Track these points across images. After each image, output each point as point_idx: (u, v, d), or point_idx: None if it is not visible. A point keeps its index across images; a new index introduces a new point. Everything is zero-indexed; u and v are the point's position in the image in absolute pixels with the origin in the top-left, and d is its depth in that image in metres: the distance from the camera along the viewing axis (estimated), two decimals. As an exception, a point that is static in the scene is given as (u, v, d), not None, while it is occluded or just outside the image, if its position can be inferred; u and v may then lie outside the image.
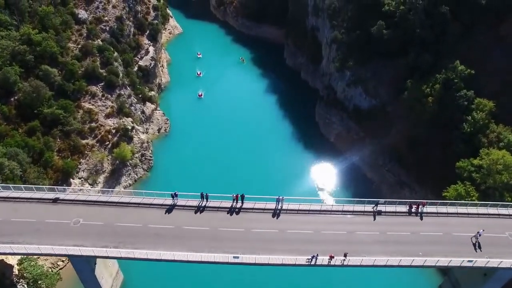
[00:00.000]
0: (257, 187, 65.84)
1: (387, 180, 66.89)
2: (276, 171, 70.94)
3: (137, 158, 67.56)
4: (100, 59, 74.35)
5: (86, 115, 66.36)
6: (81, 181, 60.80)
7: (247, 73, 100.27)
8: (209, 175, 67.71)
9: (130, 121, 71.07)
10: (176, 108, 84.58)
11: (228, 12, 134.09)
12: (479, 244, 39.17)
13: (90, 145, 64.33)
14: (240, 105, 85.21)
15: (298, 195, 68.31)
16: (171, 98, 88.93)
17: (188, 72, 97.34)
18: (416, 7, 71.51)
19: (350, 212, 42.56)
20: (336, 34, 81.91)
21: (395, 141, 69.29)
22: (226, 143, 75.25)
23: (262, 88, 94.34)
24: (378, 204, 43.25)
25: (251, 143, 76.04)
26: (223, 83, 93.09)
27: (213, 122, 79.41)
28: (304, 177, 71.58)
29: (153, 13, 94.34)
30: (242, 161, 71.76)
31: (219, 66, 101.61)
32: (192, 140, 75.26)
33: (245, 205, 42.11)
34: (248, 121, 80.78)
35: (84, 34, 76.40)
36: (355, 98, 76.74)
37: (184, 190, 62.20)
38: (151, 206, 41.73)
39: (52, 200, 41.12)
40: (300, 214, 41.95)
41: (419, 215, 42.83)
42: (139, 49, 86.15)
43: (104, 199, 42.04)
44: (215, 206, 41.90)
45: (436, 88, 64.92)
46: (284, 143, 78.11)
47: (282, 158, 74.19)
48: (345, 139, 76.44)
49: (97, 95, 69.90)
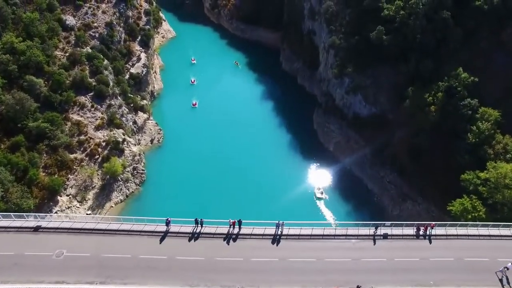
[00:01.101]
0: (254, 199, 63.40)
1: (389, 192, 64.04)
2: (274, 182, 67.81)
3: (128, 172, 63.98)
4: (89, 67, 70.51)
5: (74, 128, 62.58)
6: (69, 198, 57.12)
7: (243, 79, 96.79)
8: (204, 189, 64.49)
9: (121, 133, 67.40)
10: (170, 118, 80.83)
11: (223, 15, 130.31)
12: (507, 279, 35.42)
13: (79, 160, 60.61)
14: (235, 113, 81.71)
15: (296, 205, 67.44)
16: (165, 107, 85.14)
17: (181, 78, 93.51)
18: (416, 12, 68.57)
19: (355, 236, 39.50)
20: (334, 39, 78.76)
21: (396, 150, 66.43)
22: (221, 154, 71.89)
23: (258, 94, 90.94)
24: (384, 226, 40.21)
25: (247, 154, 72.74)
26: (218, 91, 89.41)
27: (207, 132, 75.90)
28: (303, 187, 68.62)
29: (145, 18, 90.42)
30: (238, 173, 68.51)
31: (214, 72, 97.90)
32: (186, 151, 71.74)
33: (242, 230, 38.85)
34: (244, 130, 77.39)
35: (72, 41, 72.48)
36: (354, 106, 73.74)
37: (178, 206, 60.36)
38: (142, 233, 38.31)
39: (33, 228, 37.52)
40: (301, 239, 38.82)
41: (428, 237, 39.89)
42: (130, 56, 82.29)
43: (90, 226, 38.54)
44: (211, 232, 38.60)
45: (439, 96, 62.12)
46: (282, 152, 74.90)
47: (281, 168, 71.03)
48: (344, 148, 73.44)
49: (86, 106, 66.13)
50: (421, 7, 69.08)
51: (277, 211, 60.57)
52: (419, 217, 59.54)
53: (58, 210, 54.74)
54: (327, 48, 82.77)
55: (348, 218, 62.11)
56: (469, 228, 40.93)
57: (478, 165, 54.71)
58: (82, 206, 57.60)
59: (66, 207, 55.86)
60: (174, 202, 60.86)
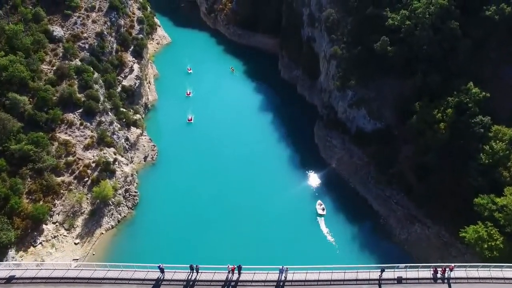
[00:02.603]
0: (254, 217, 59.31)
1: (396, 213, 59.71)
2: (275, 199, 63.47)
3: (120, 195, 59.18)
4: (78, 82, 65.49)
5: (61, 148, 57.68)
6: (55, 226, 52.32)
7: (241, 89, 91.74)
8: (200, 209, 60.00)
9: (113, 152, 62.55)
10: (164, 133, 75.73)
11: (219, 20, 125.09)
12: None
13: (67, 183, 55.75)
14: (233, 127, 76.81)
15: (296, 222, 63.30)
16: (159, 120, 79.86)
17: (177, 89, 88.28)
18: (423, 21, 64.02)
19: (366, 281, 35.14)
20: (336, 49, 74.08)
21: (402, 169, 62.02)
22: (218, 172, 67.23)
23: (257, 105, 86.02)
24: (398, 269, 35.90)
25: (246, 171, 68.13)
26: (215, 103, 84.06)
27: (203, 148, 70.98)
28: (303, 204, 64.19)
29: (138, 27, 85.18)
30: (236, 189, 64.16)
31: (210, 82, 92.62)
32: (181, 169, 66.96)
33: (243, 276, 34.43)
34: (242, 145, 72.62)
35: (60, 53, 67.35)
36: (357, 120, 69.21)
37: (173, 232, 56.20)
38: (131, 282, 33.74)
39: (5, 280, 32.85)
40: (307, 286, 34.38)
41: (447, 281, 35.62)
42: (122, 67, 77.17)
43: (72, 274, 33.93)
44: (208, 279, 34.14)
45: (448, 113, 57.63)
46: (283, 168, 70.30)
47: (281, 185, 66.69)
48: (347, 165, 68.97)
49: (74, 124, 61.21)
50: (427, 16, 64.57)
51: (278, 230, 57.63)
52: (429, 242, 55.53)
53: (43, 241, 50.03)
54: (328, 57, 78.13)
55: (352, 242, 57.91)
56: (492, 270, 36.67)
57: (492, 188, 50.51)
58: (70, 234, 52.87)
59: (52, 236, 51.12)
60: (169, 228, 56.47)
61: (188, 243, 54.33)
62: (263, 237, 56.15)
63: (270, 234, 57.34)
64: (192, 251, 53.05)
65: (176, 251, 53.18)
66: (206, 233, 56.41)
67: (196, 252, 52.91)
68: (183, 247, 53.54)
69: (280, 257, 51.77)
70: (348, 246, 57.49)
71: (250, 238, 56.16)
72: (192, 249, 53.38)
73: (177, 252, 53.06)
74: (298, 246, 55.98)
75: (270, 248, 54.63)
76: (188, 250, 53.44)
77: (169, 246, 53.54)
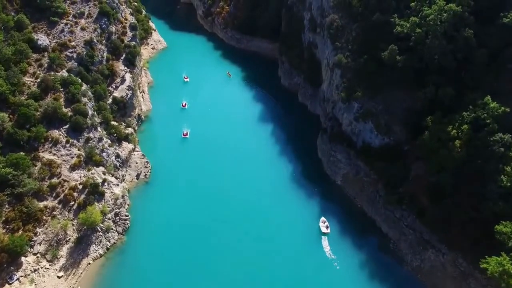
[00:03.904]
0: (255, 235, 55.12)
1: (407, 237, 54.53)
2: (276, 219, 58.89)
3: (110, 220, 53.71)
4: (64, 95, 59.92)
5: (45, 169, 52.09)
6: (36, 258, 46.82)
7: (239, 98, 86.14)
8: (198, 235, 54.76)
9: (102, 172, 57.01)
10: (158, 148, 69.90)
11: (217, 24, 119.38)
12: None
13: (50, 208, 50.21)
14: (231, 141, 71.21)
15: (299, 241, 58.14)
16: (153, 133, 73.91)
17: (172, 99, 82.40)
18: (435, 29, 58.66)
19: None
20: (340, 58, 68.61)
21: (413, 188, 56.81)
22: (216, 190, 61.92)
23: (256, 116, 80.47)
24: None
25: (245, 188, 62.89)
26: (212, 115, 78.17)
27: (200, 165, 65.54)
28: (306, 223, 59.45)
29: (131, 33, 79.31)
30: (235, 211, 59.00)
31: (207, 92, 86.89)
32: (176, 188, 61.59)
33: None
34: (241, 161, 67.26)
35: (45, 64, 61.68)
36: (364, 134, 63.89)
37: (168, 260, 50.54)
38: None
39: None
40: None
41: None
42: (113, 77, 71.41)
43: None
44: None
45: (464, 129, 52.43)
46: (284, 185, 65.10)
47: (283, 203, 61.92)
48: (353, 182, 63.71)
49: (60, 142, 55.59)
50: (438, 23, 59.21)
51: (278, 250, 53.43)
52: (444, 270, 50.39)
53: (21, 276, 44.54)
54: (332, 66, 72.66)
55: (359, 268, 52.99)
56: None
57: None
58: (53, 266, 47.37)
59: (32, 270, 45.67)
60: (162, 255, 51.22)
61: (184, 271, 49.14)
62: (263, 259, 52.30)
63: (271, 255, 53.21)
64: (188, 281, 47.96)
65: (171, 282, 47.98)
66: (204, 259, 51.30)
67: (193, 283, 47.87)
68: (178, 277, 48.34)
69: (281, 281, 49.50)
70: (355, 272, 52.65)
71: (249, 259, 51.85)
72: (188, 279, 48.25)
73: (172, 284, 47.90)
74: (300, 269, 51.87)
75: (270, 269, 51.06)
76: (184, 280, 48.28)
77: (163, 276, 48.33)
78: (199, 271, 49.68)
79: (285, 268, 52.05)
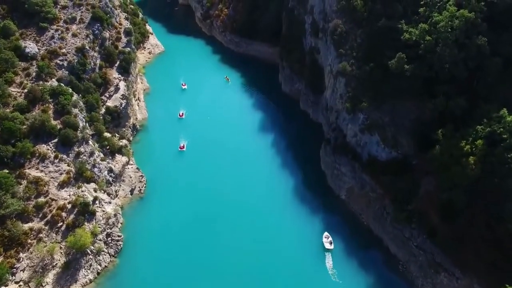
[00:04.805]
0: (255, 253, 51.77)
1: (417, 259, 50.76)
2: (276, 235, 55.59)
3: (101, 241, 49.85)
4: (53, 106, 55.90)
5: (31, 188, 48.16)
6: (19, 286, 42.88)
7: (238, 106, 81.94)
8: (195, 254, 51.07)
9: (93, 189, 53.08)
10: (154, 160, 65.67)
11: (215, 27, 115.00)
12: None
13: (36, 231, 46.33)
14: (230, 153, 67.16)
15: (300, 257, 54.55)
16: (148, 145, 69.71)
17: (169, 108, 78.05)
18: (446, 37, 54.68)
19: None
20: (344, 66, 64.61)
21: (423, 206, 53.02)
22: (214, 205, 58.18)
23: (256, 125, 76.47)
24: None
25: (245, 204, 59.12)
26: (210, 125, 73.80)
27: (197, 179, 61.61)
28: (309, 237, 56.35)
29: (125, 39, 75.08)
30: (234, 228, 55.43)
31: (206, 99, 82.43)
32: (172, 204, 57.78)
33: None
34: (240, 174, 63.47)
35: (33, 73, 57.70)
36: (370, 146, 60.03)
37: (164, 285, 47.06)
38: None
39: None
40: None
41: None
42: (107, 86, 67.38)
43: None
44: None
45: (478, 144, 48.56)
46: (286, 199, 61.49)
47: (284, 217, 58.58)
48: (358, 197, 59.91)
49: (48, 157, 51.63)
50: (449, 30, 55.23)
51: (279, 267, 50.23)
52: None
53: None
54: (335, 73, 68.68)
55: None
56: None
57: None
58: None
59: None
60: (158, 279, 47.35)
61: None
62: (264, 277, 49.31)
63: (271, 273, 50.09)
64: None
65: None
66: (203, 281, 47.68)
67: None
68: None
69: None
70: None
71: (250, 277, 48.77)
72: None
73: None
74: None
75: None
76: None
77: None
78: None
79: (287, 286, 48.95)
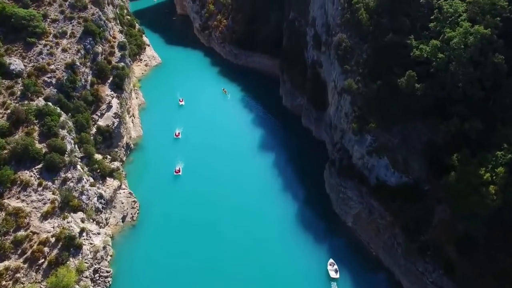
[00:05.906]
0: (255, 283, 47.60)
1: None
2: (278, 263, 51.20)
3: (87, 278, 44.96)
4: (39, 128, 51.20)
5: (10, 220, 43.30)
6: (-6, 335, 37.96)
7: (238, 123, 77.40)
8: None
9: (80, 219, 48.24)
10: (148, 184, 60.74)
11: (214, 38, 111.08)
12: None
13: (13, 270, 41.35)
14: (229, 177, 62.46)
15: (304, 286, 50.06)
16: (143, 165, 64.96)
17: (165, 125, 73.40)
18: (460, 54, 50.43)
19: None
20: (350, 83, 60.25)
21: (438, 236, 48.38)
22: (212, 234, 53.57)
23: (256, 143, 71.91)
24: None
25: (245, 232, 54.43)
26: (208, 145, 69.04)
27: (193, 206, 56.87)
28: (313, 264, 52.07)
29: (119, 53, 70.64)
30: (234, 258, 50.87)
31: (203, 117, 77.80)
32: (166, 233, 53.11)
33: None
34: (239, 200, 58.68)
35: (18, 92, 53.14)
36: (378, 170, 55.45)
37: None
38: None
39: None
40: None
41: None
42: (98, 104, 62.80)
43: None
44: None
45: (499, 172, 44.08)
46: (288, 225, 56.86)
47: (286, 244, 54.12)
48: (366, 224, 55.24)
49: (30, 185, 46.82)
50: (462, 47, 50.99)
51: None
52: None
53: None
54: (340, 90, 64.36)
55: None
56: None
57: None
58: None
59: None
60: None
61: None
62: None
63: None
64: None
65: None
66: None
67: None
68: None
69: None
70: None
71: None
72: None
73: None
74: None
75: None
76: None
77: None
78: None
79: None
